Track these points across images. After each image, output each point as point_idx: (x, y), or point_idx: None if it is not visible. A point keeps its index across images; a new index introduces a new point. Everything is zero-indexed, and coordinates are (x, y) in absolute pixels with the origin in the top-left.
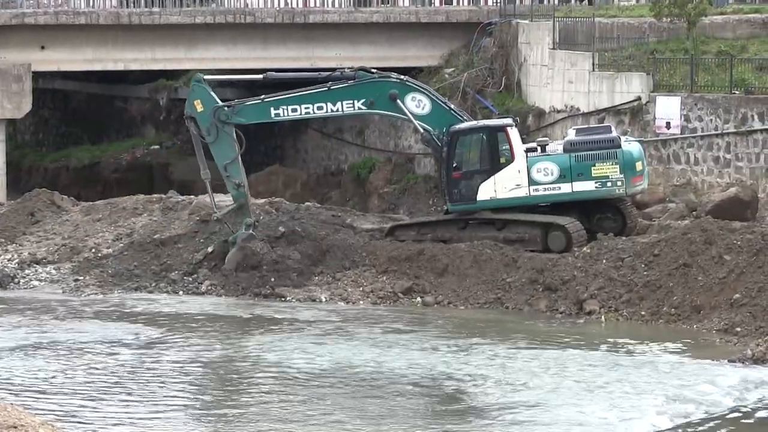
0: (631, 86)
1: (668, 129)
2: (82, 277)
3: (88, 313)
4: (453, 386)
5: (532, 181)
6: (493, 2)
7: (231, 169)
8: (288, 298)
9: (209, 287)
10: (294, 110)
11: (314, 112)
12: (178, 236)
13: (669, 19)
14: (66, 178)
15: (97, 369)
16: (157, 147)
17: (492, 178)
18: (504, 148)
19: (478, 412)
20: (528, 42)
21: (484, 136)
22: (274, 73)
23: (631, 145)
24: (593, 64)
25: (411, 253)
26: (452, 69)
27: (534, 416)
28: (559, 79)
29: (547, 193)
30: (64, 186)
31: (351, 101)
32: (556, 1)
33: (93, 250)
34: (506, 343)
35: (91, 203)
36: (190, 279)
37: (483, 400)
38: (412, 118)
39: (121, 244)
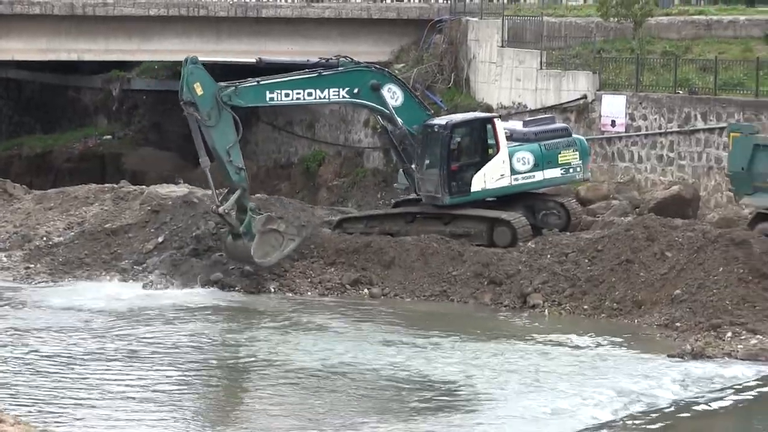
0: (578, 84)
1: (613, 127)
2: (32, 265)
3: (38, 301)
4: (396, 380)
5: (513, 171)
6: (443, 0)
7: (233, 153)
8: (236, 288)
9: (158, 277)
10: (287, 95)
11: (305, 99)
12: (129, 226)
13: (616, 20)
14: (18, 166)
15: (50, 356)
16: (109, 137)
17: (483, 169)
18: (492, 139)
19: (421, 407)
20: (477, 39)
21: (477, 128)
22: (267, 57)
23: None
24: (541, 63)
25: (359, 245)
26: (402, 65)
27: (475, 410)
28: (507, 77)
29: (524, 181)
30: (16, 174)
31: (337, 89)
32: (505, 0)
33: (44, 239)
34: (450, 336)
35: (42, 192)
36: (140, 268)
37: (425, 394)
38: (393, 112)
39: (72, 233)
